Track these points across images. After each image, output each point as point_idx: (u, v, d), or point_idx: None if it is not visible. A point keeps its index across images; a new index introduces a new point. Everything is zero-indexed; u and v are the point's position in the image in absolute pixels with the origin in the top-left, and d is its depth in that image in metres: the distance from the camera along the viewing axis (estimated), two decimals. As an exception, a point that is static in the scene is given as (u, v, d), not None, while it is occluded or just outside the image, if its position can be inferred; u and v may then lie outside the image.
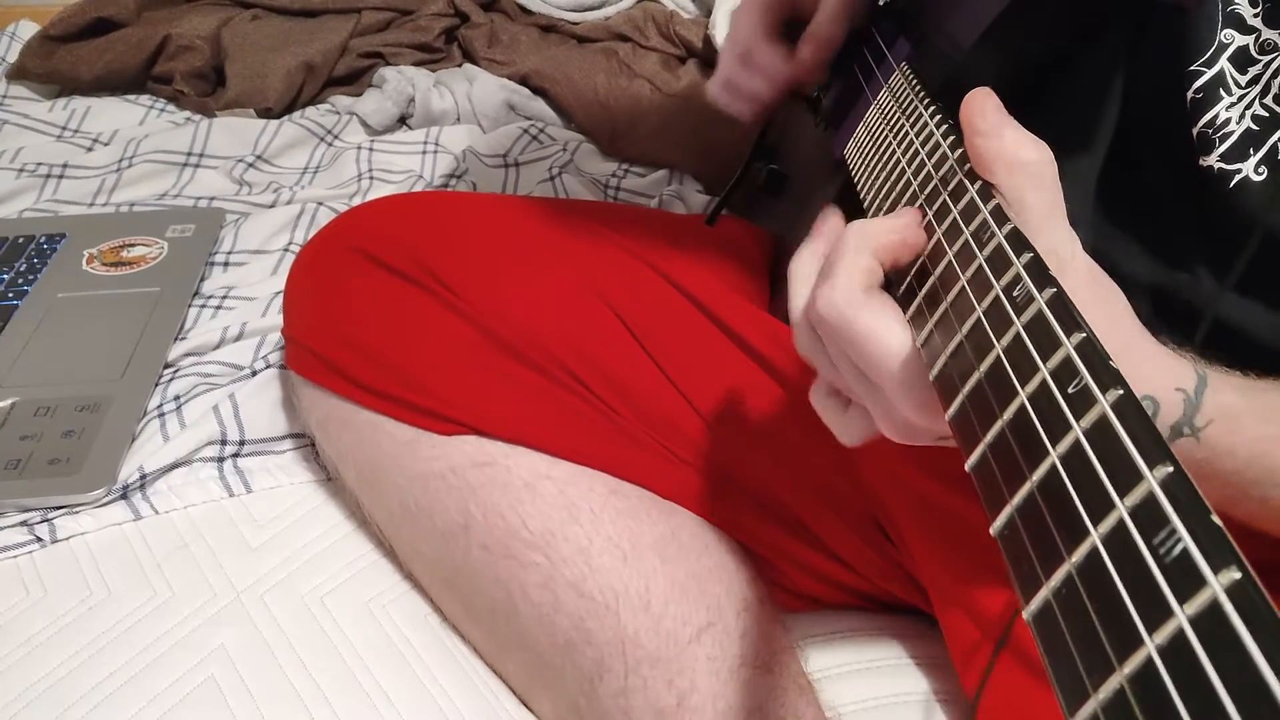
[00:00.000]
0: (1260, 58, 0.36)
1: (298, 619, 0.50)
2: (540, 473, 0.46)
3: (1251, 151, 0.36)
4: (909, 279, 0.32)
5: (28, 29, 1.04)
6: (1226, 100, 0.36)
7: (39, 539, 0.54)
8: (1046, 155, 0.30)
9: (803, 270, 0.33)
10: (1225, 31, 0.37)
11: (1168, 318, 0.35)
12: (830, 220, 0.35)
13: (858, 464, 0.49)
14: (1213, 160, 0.36)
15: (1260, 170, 0.35)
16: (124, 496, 0.56)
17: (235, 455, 0.59)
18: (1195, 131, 0.37)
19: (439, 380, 0.48)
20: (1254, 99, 0.36)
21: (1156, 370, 0.30)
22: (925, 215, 0.33)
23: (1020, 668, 0.38)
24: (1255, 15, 0.36)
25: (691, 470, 0.50)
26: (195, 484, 0.57)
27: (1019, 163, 0.29)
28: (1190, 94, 0.37)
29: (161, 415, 0.60)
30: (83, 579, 0.52)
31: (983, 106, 0.30)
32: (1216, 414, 0.30)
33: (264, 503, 0.57)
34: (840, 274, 0.29)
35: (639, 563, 0.43)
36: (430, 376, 0.49)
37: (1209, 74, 0.37)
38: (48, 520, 0.55)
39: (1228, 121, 0.36)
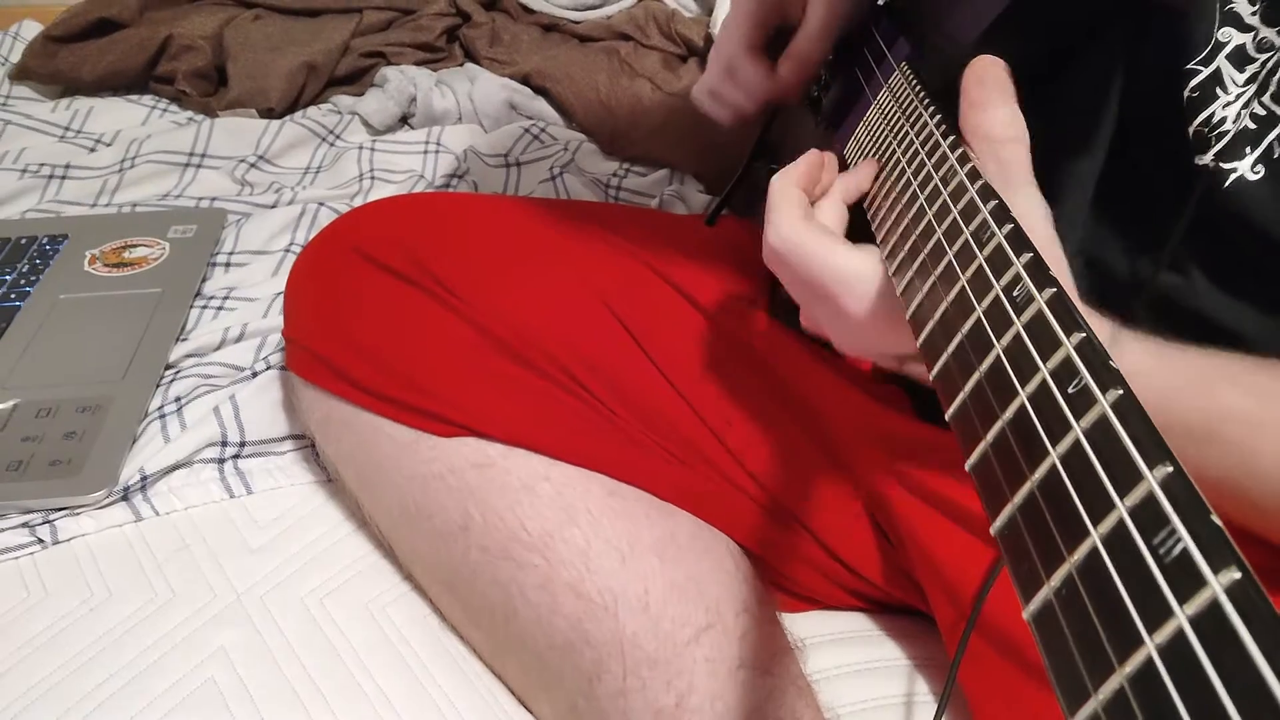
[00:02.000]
0: (1258, 56, 0.36)
1: (298, 620, 0.50)
2: (539, 474, 0.46)
3: (1248, 150, 0.35)
4: (910, 278, 0.32)
5: (30, 29, 1.04)
6: (1223, 99, 0.36)
7: (40, 540, 0.54)
8: (1016, 130, 0.33)
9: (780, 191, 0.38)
10: (1223, 30, 0.36)
11: (1166, 318, 0.35)
12: (810, 154, 0.40)
13: (856, 464, 0.49)
14: (1209, 159, 0.36)
15: (1257, 169, 0.35)
16: (125, 498, 0.56)
17: (236, 456, 0.59)
18: (1191, 130, 0.37)
19: (439, 382, 0.48)
20: (1251, 97, 0.36)
21: None
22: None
23: (1020, 668, 0.38)
24: (1253, 13, 0.36)
25: (690, 472, 0.50)
26: (196, 485, 0.57)
27: (992, 140, 0.32)
28: (1187, 92, 0.37)
29: (162, 416, 0.60)
30: (83, 580, 0.52)
31: (981, 76, 0.31)
32: (1125, 369, 0.30)
33: (264, 504, 0.57)
34: (774, 212, 0.36)
35: (637, 564, 0.43)
36: (430, 378, 0.49)
37: (1206, 72, 0.37)
38: (49, 521, 0.55)
39: (1224, 120, 0.36)
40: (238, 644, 0.48)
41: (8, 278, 0.72)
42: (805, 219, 0.36)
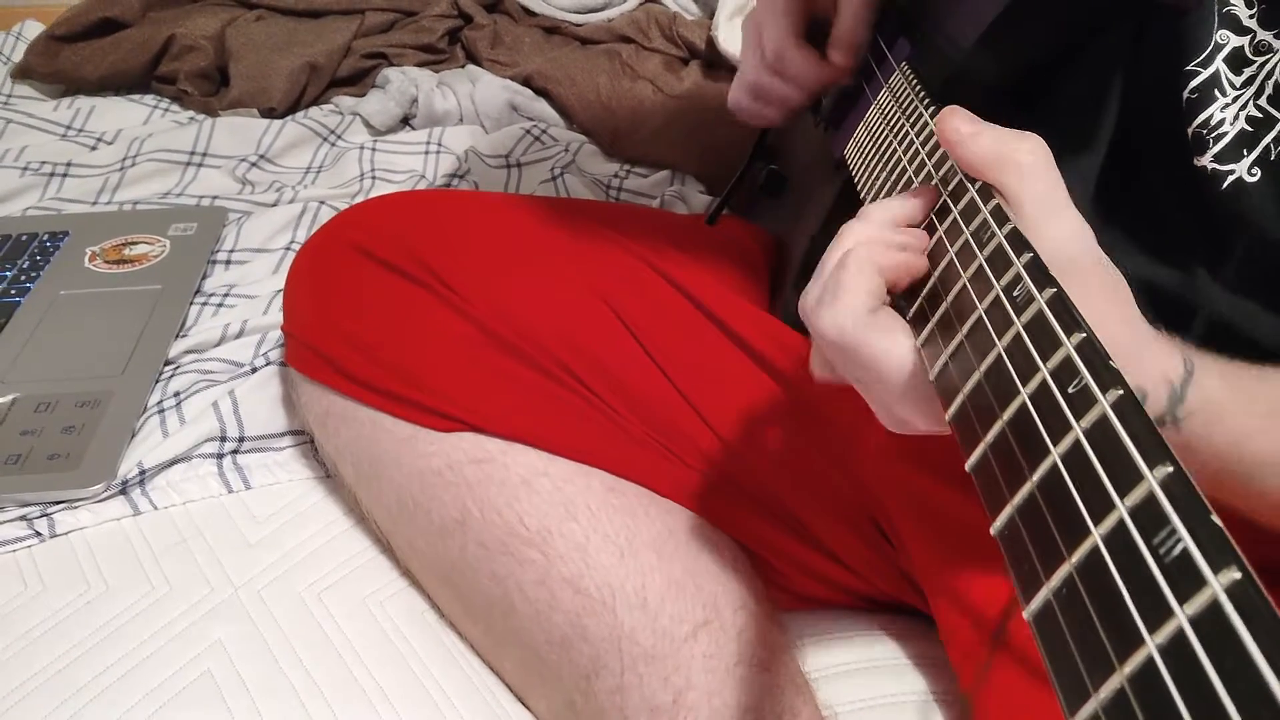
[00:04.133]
0: (1255, 59, 0.36)
1: (295, 615, 0.50)
2: (537, 470, 0.46)
3: (1245, 152, 0.36)
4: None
5: (33, 29, 1.05)
6: (1221, 101, 0.36)
7: (38, 534, 0.54)
8: (1035, 143, 0.30)
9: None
10: (1221, 32, 0.36)
11: (1165, 317, 0.35)
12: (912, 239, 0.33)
13: (856, 464, 0.49)
14: (1207, 161, 0.36)
15: (1254, 171, 0.35)
16: (123, 492, 0.56)
17: (234, 451, 0.59)
18: (1190, 132, 0.37)
19: (437, 377, 0.48)
20: (1248, 100, 0.36)
21: (1148, 361, 0.30)
22: (930, 210, 0.33)
23: (1020, 668, 0.38)
24: (1251, 16, 0.36)
25: (690, 469, 0.50)
26: (194, 480, 0.57)
27: (1009, 160, 0.30)
28: (1186, 94, 0.37)
29: (161, 411, 0.60)
30: (81, 574, 0.52)
31: (952, 123, 0.31)
32: (1199, 405, 0.30)
33: (263, 499, 0.57)
34: (845, 295, 0.30)
35: (636, 560, 0.43)
36: (429, 373, 0.49)
37: (1204, 75, 0.37)
38: (47, 515, 0.55)
39: (1222, 122, 0.36)
40: (235, 638, 0.48)
41: (8, 274, 0.72)
42: (872, 314, 0.30)
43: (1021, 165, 0.30)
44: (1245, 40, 0.36)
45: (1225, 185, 0.36)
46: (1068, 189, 0.30)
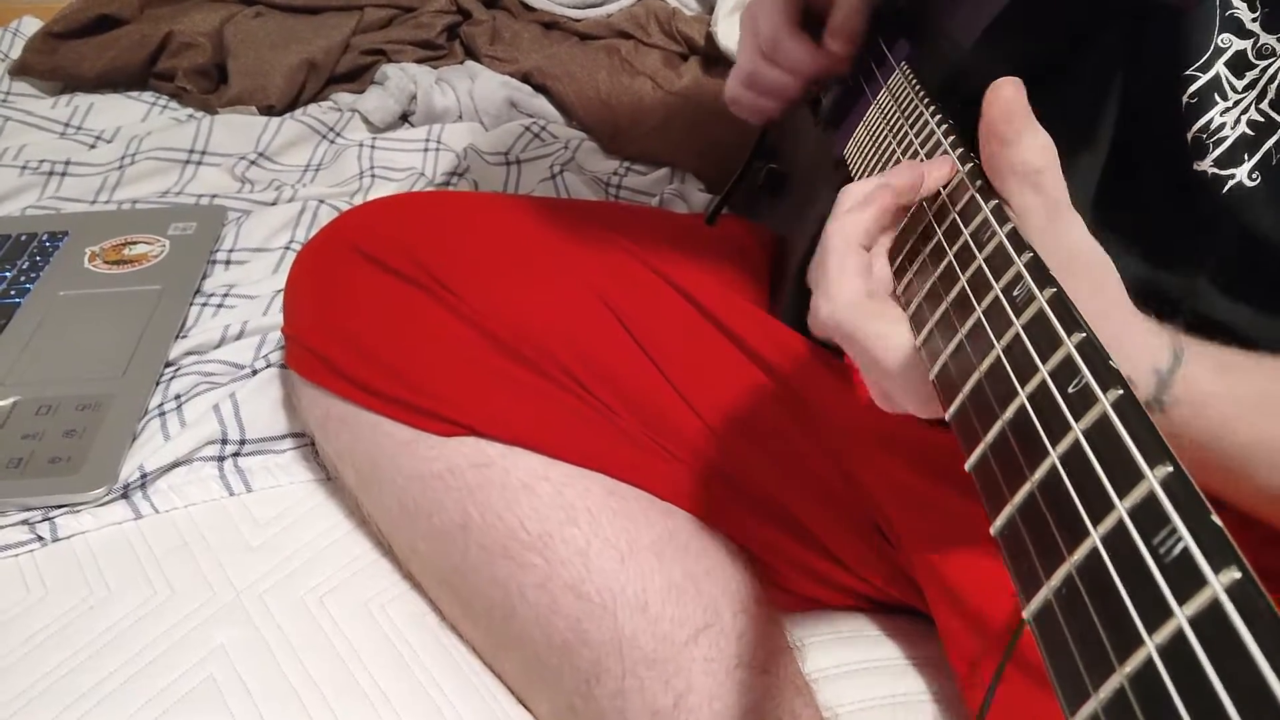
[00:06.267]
0: (1258, 63, 0.36)
1: (297, 618, 0.50)
2: (538, 474, 0.46)
3: (1245, 157, 0.35)
4: (910, 277, 0.32)
5: (30, 25, 1.04)
6: (1221, 105, 0.36)
7: (40, 538, 0.54)
8: (1051, 154, 0.30)
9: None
10: (1223, 35, 0.36)
11: (1164, 321, 0.35)
12: (880, 194, 0.34)
13: (856, 465, 0.49)
14: (1207, 165, 0.36)
15: (1254, 176, 0.35)
16: (124, 495, 0.56)
17: (235, 454, 0.59)
18: (1190, 136, 0.37)
19: (438, 381, 0.48)
20: (1250, 104, 0.36)
21: (1136, 349, 0.30)
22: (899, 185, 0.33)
23: (1019, 670, 0.38)
24: (1254, 20, 0.36)
25: (689, 471, 0.50)
26: (195, 483, 0.57)
27: (1030, 167, 0.30)
28: (1185, 98, 0.37)
29: (162, 414, 0.60)
30: (83, 578, 0.52)
31: (1009, 112, 0.30)
32: (1185, 394, 0.30)
33: (264, 502, 0.57)
34: (832, 286, 0.31)
35: (636, 564, 0.43)
36: (429, 377, 0.49)
37: (1204, 78, 0.36)
38: (48, 519, 0.55)
39: (1222, 126, 0.36)
40: (236, 642, 0.48)
41: (7, 274, 0.72)
42: (867, 297, 0.31)
43: (1039, 177, 0.30)
44: (1248, 44, 0.36)
45: (1225, 190, 0.36)
46: (1068, 191, 0.30)
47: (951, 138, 0.35)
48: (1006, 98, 0.30)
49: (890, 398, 0.31)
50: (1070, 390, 0.21)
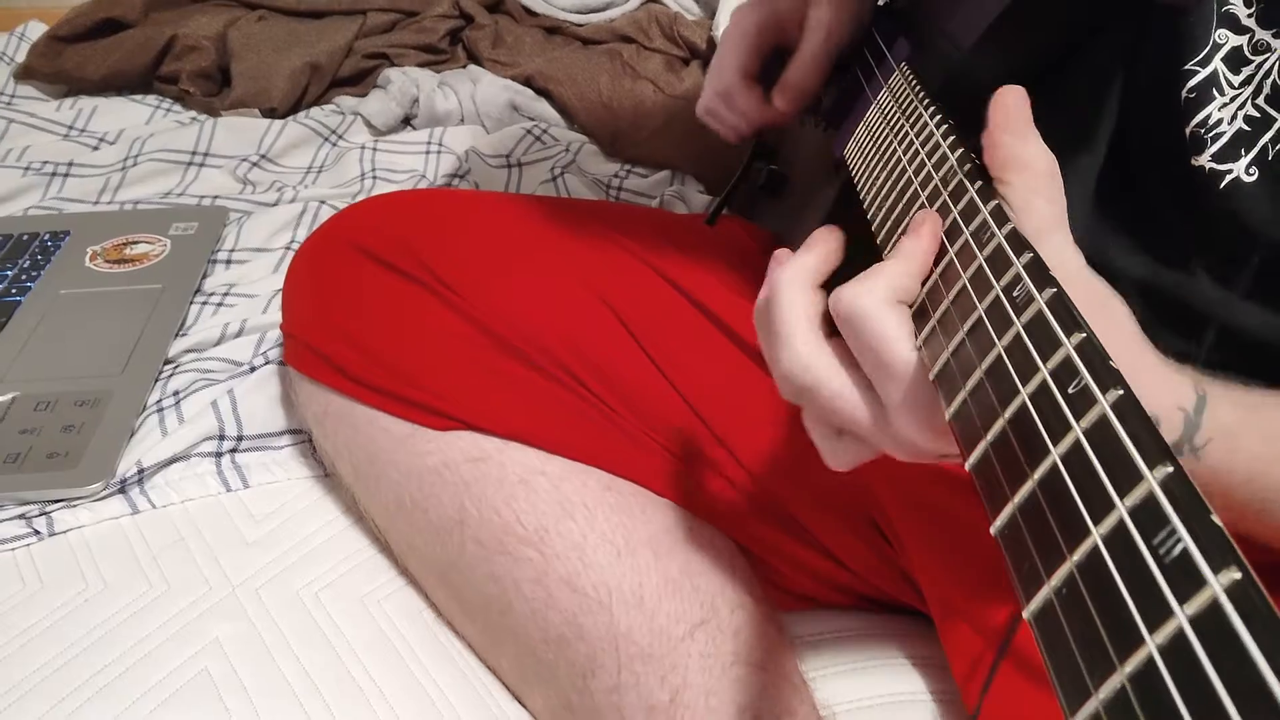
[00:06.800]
0: (1254, 58, 0.36)
1: (293, 613, 0.50)
2: (535, 469, 0.46)
3: (1243, 152, 0.35)
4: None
5: (36, 29, 1.05)
6: (1219, 100, 0.36)
7: (37, 532, 0.54)
8: (1056, 168, 0.31)
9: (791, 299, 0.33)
10: (1219, 31, 0.36)
11: (1164, 317, 0.35)
12: (820, 242, 0.35)
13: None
14: (1204, 160, 0.36)
15: (1251, 171, 0.35)
16: (122, 490, 0.56)
17: (233, 450, 0.59)
18: (1188, 131, 0.37)
19: (435, 376, 0.48)
20: (1246, 99, 0.36)
21: (1157, 387, 0.30)
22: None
23: (1020, 671, 0.38)
24: (1249, 16, 0.36)
25: (688, 468, 0.49)
26: (193, 479, 0.57)
27: (1035, 169, 0.30)
28: (1184, 93, 0.37)
29: (160, 410, 0.61)
30: (79, 572, 0.52)
31: (1018, 111, 0.30)
32: (1216, 433, 0.30)
33: (261, 498, 0.57)
34: (784, 337, 0.32)
35: (633, 559, 0.43)
36: (426, 372, 0.49)
37: (1203, 74, 0.37)
38: (45, 514, 0.55)
39: (1220, 121, 0.36)
40: (233, 636, 0.48)
41: (9, 273, 0.72)
42: (822, 342, 0.31)
43: (1046, 182, 0.30)
44: (1244, 39, 0.36)
45: (1223, 185, 0.36)
46: (1067, 185, 0.31)
47: (951, 138, 0.35)
48: (1010, 99, 0.30)
49: (890, 419, 0.30)
50: (1070, 390, 0.21)
